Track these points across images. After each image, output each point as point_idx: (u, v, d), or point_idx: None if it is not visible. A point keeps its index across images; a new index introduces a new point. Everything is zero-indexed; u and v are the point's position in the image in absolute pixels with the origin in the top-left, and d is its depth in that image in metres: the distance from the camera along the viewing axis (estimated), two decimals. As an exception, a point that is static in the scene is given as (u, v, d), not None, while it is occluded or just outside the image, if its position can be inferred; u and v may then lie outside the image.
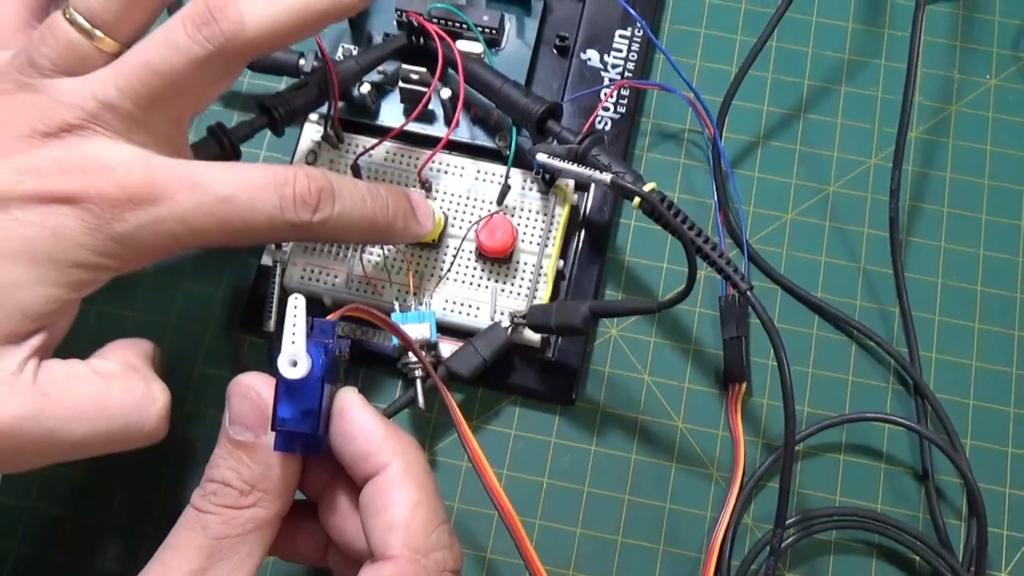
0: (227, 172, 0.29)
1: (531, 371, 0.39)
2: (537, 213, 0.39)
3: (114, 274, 0.29)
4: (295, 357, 0.26)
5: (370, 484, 0.27)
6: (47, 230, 0.27)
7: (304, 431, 0.27)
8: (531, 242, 0.38)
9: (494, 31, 0.40)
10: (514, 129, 0.39)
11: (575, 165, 0.35)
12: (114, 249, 0.28)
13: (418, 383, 0.36)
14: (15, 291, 0.27)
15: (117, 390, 0.29)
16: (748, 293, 0.32)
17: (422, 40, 0.40)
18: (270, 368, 0.37)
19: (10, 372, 0.27)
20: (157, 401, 0.30)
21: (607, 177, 0.33)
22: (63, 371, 0.29)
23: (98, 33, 0.29)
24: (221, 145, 0.36)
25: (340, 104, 0.40)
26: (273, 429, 0.27)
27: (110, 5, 0.29)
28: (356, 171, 0.39)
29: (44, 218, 0.27)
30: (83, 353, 0.31)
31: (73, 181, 0.27)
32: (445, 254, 0.38)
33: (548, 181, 0.39)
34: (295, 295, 0.26)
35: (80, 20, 0.28)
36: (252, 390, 0.28)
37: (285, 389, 0.26)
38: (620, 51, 0.43)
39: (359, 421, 0.28)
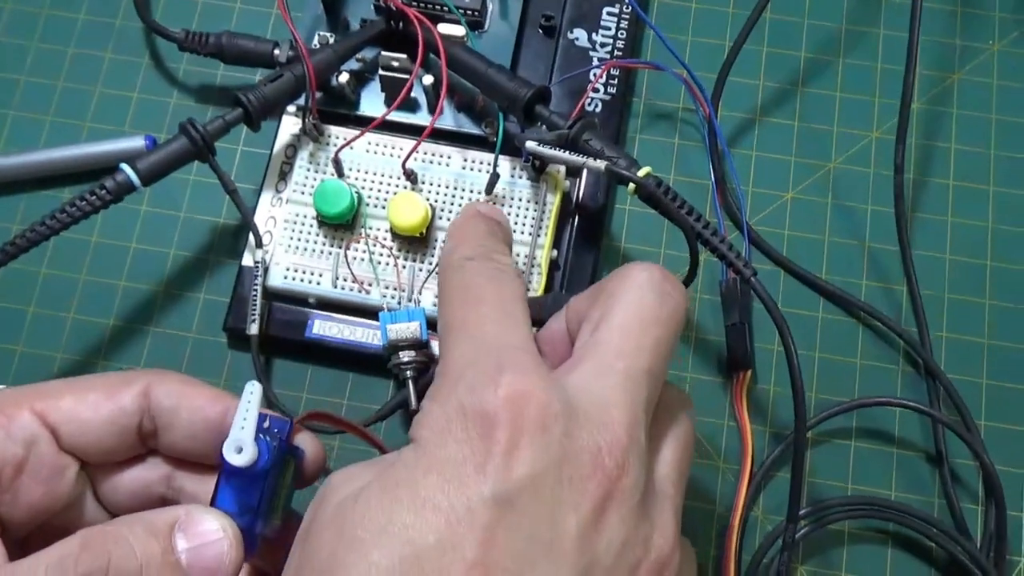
0: None
1: (528, 366, 0.37)
2: (528, 201, 0.37)
3: None
4: (241, 443, 0.25)
5: None
6: None
7: (240, 526, 0.25)
8: (523, 232, 0.37)
9: (476, 12, 0.39)
10: (501, 115, 0.37)
11: (567, 152, 0.34)
12: None
13: (410, 384, 0.35)
14: None
15: None
16: (752, 280, 0.31)
17: (401, 25, 0.38)
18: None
19: None
20: None
21: (601, 164, 0.31)
22: None
23: None
24: (193, 142, 0.34)
25: (318, 95, 0.38)
26: None
27: None
28: (338, 164, 0.37)
29: None
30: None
31: None
32: (434, 248, 0.37)
33: (538, 168, 0.37)
34: (253, 383, 0.26)
35: None
36: None
37: (227, 477, 0.25)
38: (609, 29, 0.41)
39: None
